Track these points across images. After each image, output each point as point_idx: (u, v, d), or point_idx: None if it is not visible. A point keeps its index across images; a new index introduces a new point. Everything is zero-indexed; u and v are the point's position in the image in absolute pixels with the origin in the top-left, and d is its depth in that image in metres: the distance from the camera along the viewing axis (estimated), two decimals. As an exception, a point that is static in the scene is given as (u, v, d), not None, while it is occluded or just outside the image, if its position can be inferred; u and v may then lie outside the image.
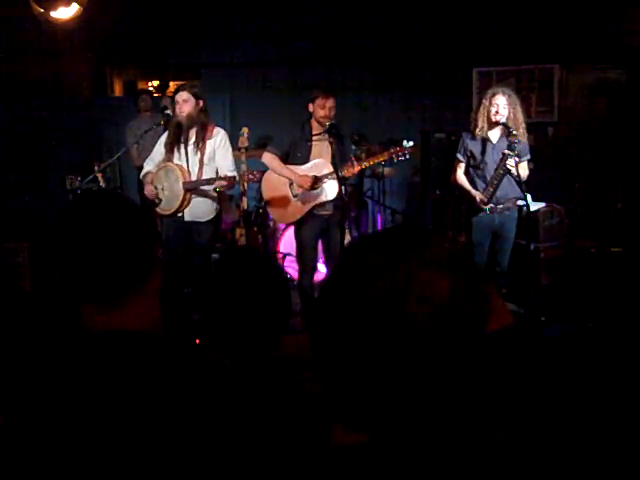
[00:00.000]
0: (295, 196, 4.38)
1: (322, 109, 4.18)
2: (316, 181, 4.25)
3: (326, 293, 0.84)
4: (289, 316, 1.72)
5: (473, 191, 4.38)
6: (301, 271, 4.47)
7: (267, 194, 4.56)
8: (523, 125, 4.29)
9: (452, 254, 0.82)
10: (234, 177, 4.11)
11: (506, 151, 4.18)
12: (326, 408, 0.84)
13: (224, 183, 4.07)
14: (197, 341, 3.66)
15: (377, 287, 0.78)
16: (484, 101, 4.29)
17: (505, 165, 4.18)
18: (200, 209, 4.33)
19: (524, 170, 4.32)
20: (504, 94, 4.23)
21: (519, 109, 4.26)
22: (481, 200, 4.31)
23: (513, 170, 4.17)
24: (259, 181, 4.24)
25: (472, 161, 4.42)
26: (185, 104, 4.16)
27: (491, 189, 4.29)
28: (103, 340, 1.03)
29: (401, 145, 4.17)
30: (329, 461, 0.80)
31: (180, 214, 4.31)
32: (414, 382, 0.78)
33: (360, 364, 0.78)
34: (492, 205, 4.32)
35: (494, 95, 4.24)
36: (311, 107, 4.26)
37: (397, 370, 0.77)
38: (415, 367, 0.77)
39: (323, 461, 0.80)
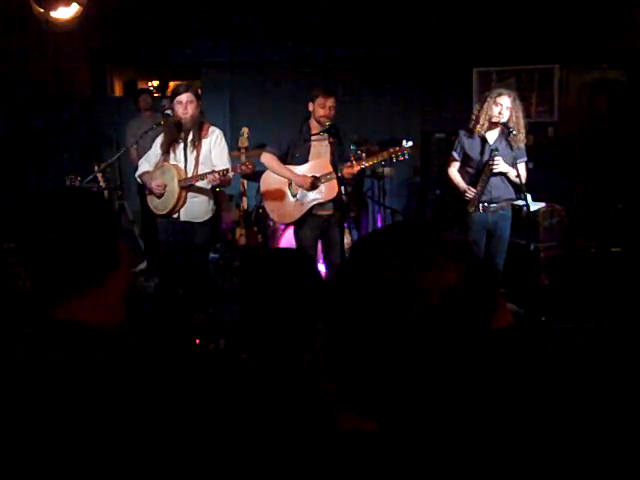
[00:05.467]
0: (294, 196, 4.38)
1: (322, 108, 4.17)
2: (316, 181, 4.25)
3: (337, 285, 0.85)
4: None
5: (462, 184, 4.37)
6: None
7: (266, 194, 4.55)
8: (523, 131, 4.27)
9: (460, 245, 0.83)
10: (227, 169, 4.10)
11: (493, 148, 4.18)
12: (335, 395, 0.85)
13: (217, 176, 4.06)
14: (197, 341, 3.66)
15: (387, 277, 0.78)
16: (488, 99, 4.25)
17: (493, 163, 4.17)
18: (196, 209, 4.33)
19: (522, 171, 4.31)
20: (510, 96, 4.21)
21: (521, 114, 4.24)
22: (468, 191, 4.29)
23: (497, 169, 4.17)
24: (252, 172, 4.23)
25: (468, 161, 4.40)
26: (190, 105, 4.16)
27: (479, 188, 4.28)
28: (59, 330, 1.05)
29: (400, 145, 4.17)
30: (337, 446, 0.80)
31: (176, 214, 4.30)
32: (421, 370, 0.78)
33: (370, 352, 0.79)
34: (485, 204, 4.32)
35: (500, 95, 4.22)
36: (311, 106, 4.25)
37: (405, 358, 0.78)
38: (422, 355, 0.78)
39: (332, 446, 0.81)
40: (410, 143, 4.16)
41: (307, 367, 1.54)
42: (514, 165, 4.19)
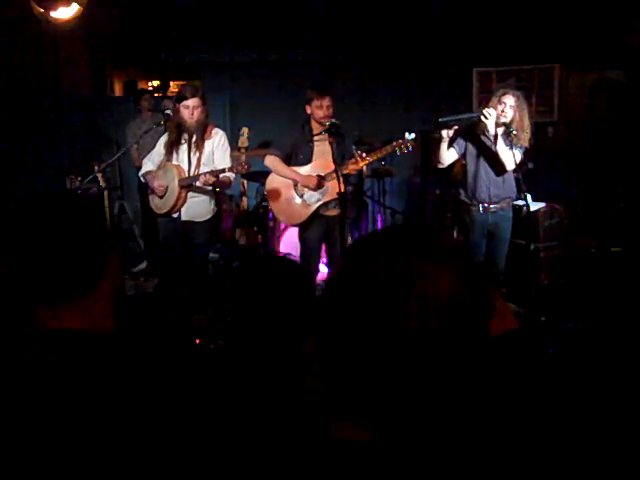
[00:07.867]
0: (301, 197, 4.36)
1: (320, 109, 4.15)
2: (321, 180, 4.24)
3: (330, 291, 0.85)
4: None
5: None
6: (303, 272, 4.45)
7: (272, 196, 4.50)
8: (528, 131, 4.22)
9: (453, 250, 0.82)
10: (221, 170, 4.09)
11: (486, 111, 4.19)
12: (328, 402, 0.85)
13: (208, 177, 4.06)
14: (197, 341, 3.66)
15: (380, 284, 0.78)
16: (493, 98, 4.26)
17: (484, 109, 4.19)
18: (197, 209, 4.33)
19: (511, 156, 4.23)
20: (514, 95, 4.20)
21: (526, 114, 4.22)
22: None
23: (485, 114, 4.16)
24: (248, 172, 4.24)
25: (468, 158, 4.42)
26: (196, 110, 4.16)
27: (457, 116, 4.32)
28: (52, 339, 1.04)
29: (403, 137, 4.16)
30: (332, 455, 0.80)
31: (176, 214, 4.30)
32: (415, 379, 0.78)
33: (363, 360, 0.79)
34: (485, 205, 4.33)
35: (504, 94, 4.21)
36: (309, 109, 4.23)
37: (401, 366, 0.77)
38: (419, 363, 0.77)
39: (326, 455, 0.81)
40: (412, 135, 4.15)
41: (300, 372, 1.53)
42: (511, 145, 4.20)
